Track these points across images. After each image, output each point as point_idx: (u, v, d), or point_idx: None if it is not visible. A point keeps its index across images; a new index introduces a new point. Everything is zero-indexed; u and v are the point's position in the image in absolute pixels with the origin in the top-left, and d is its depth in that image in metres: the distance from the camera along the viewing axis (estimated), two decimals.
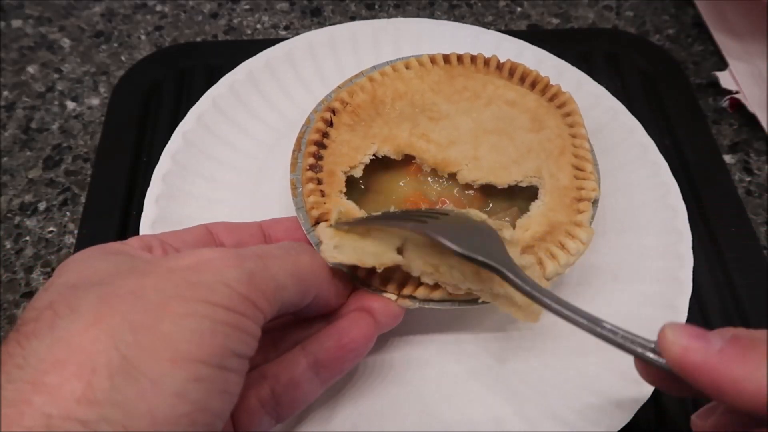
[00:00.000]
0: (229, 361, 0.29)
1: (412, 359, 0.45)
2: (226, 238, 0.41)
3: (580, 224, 0.44)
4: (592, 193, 0.45)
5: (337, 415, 0.42)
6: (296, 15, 0.75)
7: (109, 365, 0.26)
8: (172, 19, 0.74)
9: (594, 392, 0.43)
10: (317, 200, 0.44)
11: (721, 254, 0.54)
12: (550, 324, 0.46)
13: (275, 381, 0.37)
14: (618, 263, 0.49)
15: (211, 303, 0.29)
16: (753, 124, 0.65)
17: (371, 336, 0.39)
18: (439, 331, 0.46)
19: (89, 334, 0.27)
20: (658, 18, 0.75)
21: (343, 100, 0.51)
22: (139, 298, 0.28)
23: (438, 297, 0.41)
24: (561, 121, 0.50)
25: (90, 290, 0.29)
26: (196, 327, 0.28)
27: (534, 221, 0.45)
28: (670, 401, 0.46)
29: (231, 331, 0.29)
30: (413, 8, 0.76)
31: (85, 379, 0.26)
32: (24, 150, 0.62)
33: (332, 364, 0.38)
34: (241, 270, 0.31)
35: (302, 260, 0.36)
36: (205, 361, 0.28)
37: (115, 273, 0.30)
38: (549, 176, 0.46)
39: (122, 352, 0.26)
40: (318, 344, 0.38)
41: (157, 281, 0.29)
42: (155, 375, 0.26)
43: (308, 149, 0.47)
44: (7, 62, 0.69)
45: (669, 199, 0.51)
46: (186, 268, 0.30)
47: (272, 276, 0.32)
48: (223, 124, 0.56)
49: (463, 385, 0.44)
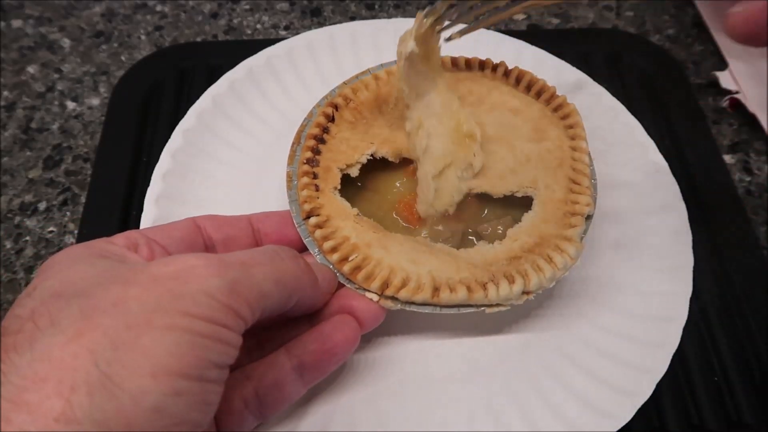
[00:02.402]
0: (209, 373, 0.30)
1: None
2: (214, 232, 0.41)
3: (570, 239, 0.43)
4: (585, 208, 0.45)
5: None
6: (296, 15, 0.75)
7: (89, 382, 0.26)
8: (172, 19, 0.74)
9: (593, 392, 0.43)
10: (311, 194, 0.45)
11: (721, 254, 0.54)
12: (547, 323, 0.47)
13: (259, 382, 0.37)
14: (617, 263, 0.49)
15: (193, 316, 0.29)
16: (753, 124, 0.65)
17: (354, 339, 0.40)
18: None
19: (69, 350, 0.27)
20: (658, 18, 0.75)
21: (346, 97, 0.51)
22: (121, 312, 0.28)
23: (420, 300, 0.41)
24: (563, 133, 0.49)
25: (72, 301, 0.29)
26: (176, 340, 0.28)
27: (524, 232, 0.44)
28: (670, 401, 0.46)
29: (211, 343, 0.29)
30: (413, 8, 0.76)
31: (65, 396, 0.26)
32: (24, 150, 0.62)
33: (316, 366, 0.39)
34: (224, 279, 0.31)
35: (286, 266, 0.36)
36: (184, 374, 0.28)
37: (98, 281, 0.30)
38: (544, 187, 0.46)
39: (102, 369, 0.26)
40: (302, 347, 0.39)
41: (139, 292, 0.29)
42: (135, 391, 0.27)
43: (307, 143, 0.48)
44: (7, 62, 0.69)
45: (669, 198, 0.51)
46: (170, 277, 0.30)
47: (256, 284, 0.33)
48: (223, 122, 0.56)
49: (456, 385, 0.44)
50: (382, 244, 0.43)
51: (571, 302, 0.48)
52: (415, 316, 0.42)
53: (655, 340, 0.45)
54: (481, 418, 0.43)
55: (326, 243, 0.43)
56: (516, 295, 0.41)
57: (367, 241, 0.43)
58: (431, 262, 0.42)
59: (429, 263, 0.42)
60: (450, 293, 0.41)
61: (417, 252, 0.43)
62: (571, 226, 0.44)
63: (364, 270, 0.42)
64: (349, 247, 0.43)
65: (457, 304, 0.41)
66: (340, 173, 0.47)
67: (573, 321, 0.47)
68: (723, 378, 0.47)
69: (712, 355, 0.49)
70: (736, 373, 0.48)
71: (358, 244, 0.43)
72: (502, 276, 0.42)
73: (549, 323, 0.47)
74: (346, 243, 0.43)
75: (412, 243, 0.44)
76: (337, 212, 0.45)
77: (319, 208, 0.45)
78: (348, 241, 0.43)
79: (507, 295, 0.41)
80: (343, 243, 0.43)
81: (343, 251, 0.42)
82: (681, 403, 0.46)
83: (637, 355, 0.44)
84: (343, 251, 0.42)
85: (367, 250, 0.43)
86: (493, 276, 0.42)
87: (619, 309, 0.47)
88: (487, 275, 0.42)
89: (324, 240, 0.43)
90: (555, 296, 0.48)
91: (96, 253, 0.34)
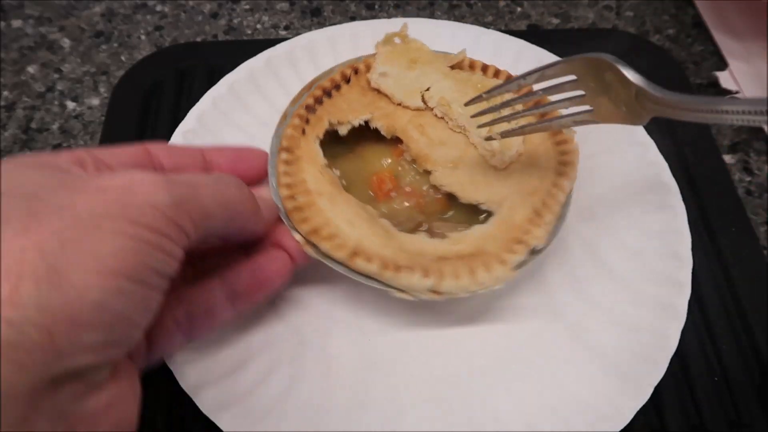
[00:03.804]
0: (150, 278, 0.31)
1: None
2: (166, 159, 0.42)
3: (504, 262, 0.42)
4: (534, 240, 0.43)
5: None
6: (296, 15, 0.75)
7: (36, 273, 0.27)
8: (172, 19, 0.74)
9: (593, 393, 0.43)
10: (294, 135, 0.48)
11: (721, 254, 0.54)
12: (546, 324, 0.47)
13: (191, 304, 0.39)
14: (617, 263, 0.49)
15: (138, 224, 0.30)
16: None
17: (285, 273, 0.42)
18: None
19: (17, 242, 0.27)
20: (658, 18, 0.75)
21: (369, 65, 0.52)
22: (69, 215, 0.29)
23: (337, 257, 0.42)
24: (553, 164, 0.48)
25: (19, 200, 0.29)
26: (122, 244, 0.29)
27: (467, 240, 0.44)
28: (670, 402, 0.46)
29: (154, 251, 0.31)
30: (413, 8, 0.76)
31: (12, 282, 0.26)
32: (24, 150, 0.62)
33: (247, 294, 0.41)
34: (170, 195, 0.32)
35: (231, 192, 0.37)
36: (128, 276, 0.29)
37: (45, 186, 0.31)
38: (508, 208, 0.45)
39: (49, 262, 0.27)
40: (235, 276, 0.40)
41: (87, 199, 0.30)
42: (80, 285, 0.28)
43: (314, 92, 0.50)
44: (7, 62, 0.69)
45: (669, 199, 0.51)
46: (116, 188, 0.31)
47: (201, 204, 0.34)
48: (223, 124, 0.56)
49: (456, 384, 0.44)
50: (332, 199, 0.45)
51: (570, 303, 0.48)
52: (414, 314, 0.42)
53: (654, 340, 0.45)
54: (481, 418, 0.43)
55: (284, 177, 0.45)
56: (422, 289, 0.41)
57: (320, 191, 0.45)
58: (365, 231, 0.44)
59: (362, 231, 0.44)
60: (365, 262, 0.42)
61: (358, 217, 0.44)
62: (512, 252, 0.43)
63: (304, 212, 0.44)
64: (302, 188, 0.45)
65: (367, 274, 0.42)
66: (329, 126, 0.49)
67: (572, 322, 0.47)
68: (723, 378, 0.47)
69: (711, 355, 0.49)
70: (736, 373, 0.48)
71: (310, 190, 0.45)
72: (420, 267, 0.42)
73: (548, 324, 0.47)
74: (302, 185, 0.45)
75: (358, 208, 0.45)
76: (308, 156, 0.47)
77: (296, 148, 0.47)
78: (304, 184, 0.45)
79: (413, 286, 0.41)
80: (298, 184, 0.45)
81: (294, 190, 0.45)
82: (681, 403, 0.46)
83: (636, 356, 0.44)
84: (293, 190, 0.45)
85: (315, 198, 0.45)
86: (413, 265, 0.42)
87: (619, 309, 0.47)
88: (408, 262, 0.42)
89: (285, 175, 0.45)
90: (554, 296, 0.48)
91: (43, 163, 0.34)
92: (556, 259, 0.49)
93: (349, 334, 0.46)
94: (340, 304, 0.47)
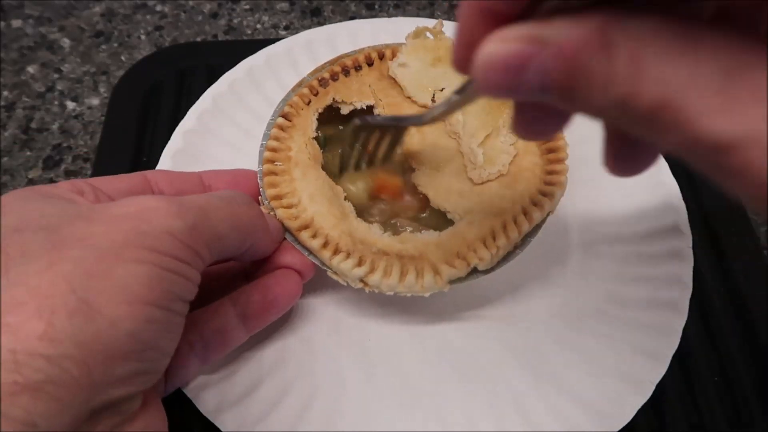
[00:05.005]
0: (175, 305, 0.31)
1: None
2: (166, 187, 0.42)
3: (439, 272, 0.42)
4: (476, 260, 0.42)
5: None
6: (296, 15, 0.75)
7: (67, 306, 0.27)
8: (172, 19, 0.74)
9: (594, 392, 0.43)
10: (298, 103, 0.50)
11: (721, 254, 0.54)
12: (546, 325, 0.47)
13: (204, 327, 0.39)
14: (617, 263, 0.49)
15: (158, 251, 0.30)
16: None
17: (297, 292, 0.43)
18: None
19: (46, 277, 0.27)
20: None
21: (395, 52, 0.53)
22: (89, 246, 0.29)
23: (288, 226, 0.43)
24: (532, 192, 0.46)
25: (38, 234, 0.29)
26: (146, 273, 0.29)
27: (413, 241, 0.43)
28: (670, 401, 0.46)
29: (176, 277, 0.31)
30: (413, 8, 0.76)
31: (46, 318, 0.26)
32: (24, 150, 0.62)
33: (258, 316, 0.41)
34: (184, 221, 0.32)
35: (242, 210, 0.38)
36: (156, 303, 0.30)
37: (60, 218, 0.31)
38: (466, 223, 0.44)
39: (78, 295, 0.27)
40: (246, 297, 0.41)
41: (104, 229, 0.30)
42: (112, 316, 0.28)
43: (333, 67, 0.52)
44: (7, 62, 0.69)
45: (669, 198, 0.51)
46: (132, 217, 0.31)
47: (213, 226, 0.34)
48: (223, 122, 0.56)
49: (456, 384, 0.44)
50: (305, 171, 0.46)
51: (570, 304, 0.48)
52: (415, 313, 0.42)
53: (655, 340, 0.45)
54: (481, 418, 0.43)
55: (272, 141, 0.48)
56: (352, 276, 0.42)
57: (297, 161, 0.47)
58: (322, 208, 0.44)
59: (319, 207, 0.44)
60: (309, 237, 0.43)
61: (321, 194, 0.45)
62: (450, 265, 0.42)
63: (276, 177, 0.46)
64: (284, 155, 0.47)
65: (309, 249, 0.43)
66: (332, 102, 0.50)
67: (572, 323, 0.47)
68: (723, 378, 0.47)
69: (712, 355, 0.48)
70: (736, 373, 0.48)
71: (290, 157, 0.47)
72: (357, 255, 0.42)
73: (548, 325, 0.47)
74: (285, 151, 0.47)
75: (324, 186, 0.46)
76: (302, 126, 0.49)
77: (294, 116, 0.49)
78: (288, 151, 0.47)
79: (344, 270, 0.42)
80: (283, 149, 0.47)
81: (276, 155, 0.47)
82: (681, 403, 0.46)
83: (637, 355, 0.44)
84: (276, 155, 0.47)
85: (292, 167, 0.47)
86: (352, 251, 0.43)
87: (618, 309, 0.47)
88: (349, 247, 0.43)
89: (273, 139, 0.48)
90: (553, 296, 0.48)
91: (46, 194, 0.34)
92: (556, 259, 0.50)
93: (360, 340, 0.46)
94: (346, 308, 0.48)
